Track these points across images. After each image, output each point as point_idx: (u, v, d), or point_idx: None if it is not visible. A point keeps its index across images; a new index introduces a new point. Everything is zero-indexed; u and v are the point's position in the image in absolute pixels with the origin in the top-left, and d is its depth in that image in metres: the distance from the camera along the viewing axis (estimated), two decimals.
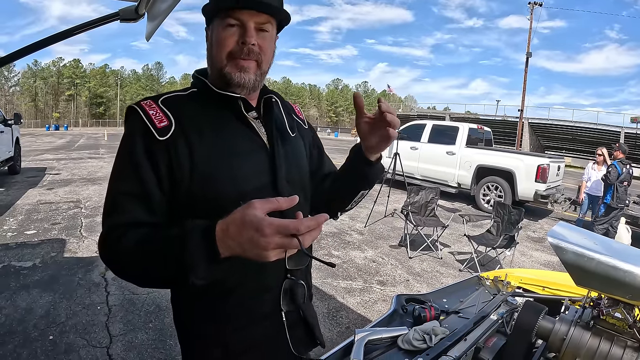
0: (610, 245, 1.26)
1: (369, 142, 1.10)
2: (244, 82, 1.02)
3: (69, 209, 7.51)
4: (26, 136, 27.81)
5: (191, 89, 1.11)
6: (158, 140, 0.96)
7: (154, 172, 0.95)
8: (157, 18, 1.80)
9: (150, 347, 3.19)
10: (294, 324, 1.12)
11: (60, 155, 17.24)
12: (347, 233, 6.84)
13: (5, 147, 9.90)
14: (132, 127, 0.99)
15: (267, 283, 1.07)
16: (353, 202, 1.26)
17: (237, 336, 1.06)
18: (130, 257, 0.88)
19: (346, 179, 1.23)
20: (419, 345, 1.33)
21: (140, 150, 0.96)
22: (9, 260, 4.86)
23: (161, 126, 0.97)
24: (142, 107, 1.00)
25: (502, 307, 1.69)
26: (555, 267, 5.73)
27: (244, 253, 0.76)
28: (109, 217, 0.95)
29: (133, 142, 0.97)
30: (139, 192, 0.95)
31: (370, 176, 1.18)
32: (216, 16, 1.02)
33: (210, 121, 1.03)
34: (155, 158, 0.95)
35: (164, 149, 0.96)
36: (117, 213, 0.94)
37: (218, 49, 1.01)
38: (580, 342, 1.16)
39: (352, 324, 3.69)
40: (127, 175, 0.96)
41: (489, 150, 10.32)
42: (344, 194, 1.25)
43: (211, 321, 1.06)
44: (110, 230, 0.92)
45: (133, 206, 0.94)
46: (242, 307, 1.05)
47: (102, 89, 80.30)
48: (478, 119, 34.23)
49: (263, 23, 1.01)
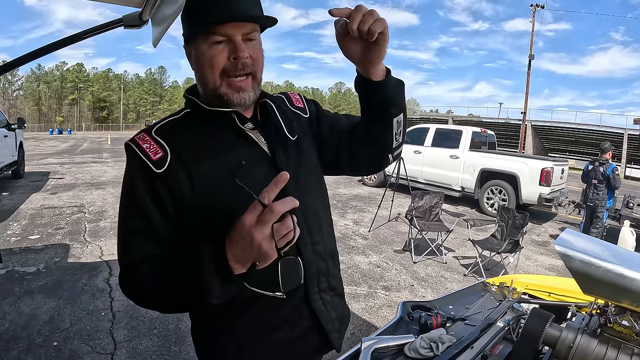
0: (618, 253, 1.25)
1: (362, 61, 0.98)
2: (244, 102, 1.01)
3: (73, 214, 7.53)
4: (30, 140, 27.96)
5: (185, 110, 1.09)
6: (156, 174, 0.96)
7: (157, 206, 0.97)
8: (163, 24, 1.80)
9: (155, 353, 3.19)
10: (307, 329, 1.12)
11: (64, 159, 17.31)
12: (351, 238, 6.83)
13: (8, 152, 9.94)
14: (130, 164, 1.01)
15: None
16: (396, 135, 1.11)
17: (255, 344, 1.06)
18: (150, 286, 0.93)
19: (370, 116, 1.09)
20: (426, 354, 1.32)
21: (141, 187, 0.98)
22: (13, 266, 4.87)
23: (156, 158, 0.97)
24: (135, 143, 1.00)
25: (509, 313, 1.68)
26: (560, 271, 5.71)
27: (252, 258, 0.81)
28: (123, 256, 0.99)
29: (132, 181, 1.00)
30: (146, 228, 0.97)
31: (388, 97, 1.03)
32: (198, 33, 0.97)
33: (207, 141, 1.02)
34: (156, 192, 0.97)
35: (163, 182, 0.97)
36: (130, 252, 0.98)
37: (209, 69, 0.97)
38: (587, 350, 1.15)
39: (357, 330, 3.68)
40: (132, 214, 0.99)
41: (493, 153, 10.29)
42: (378, 132, 1.10)
43: (229, 331, 1.05)
44: (127, 268, 0.97)
45: (143, 242, 0.97)
46: (259, 318, 1.06)
47: (106, 93, 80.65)
48: (481, 121, 34.21)
49: (250, 32, 0.98)
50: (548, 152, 33.32)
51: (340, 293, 1.26)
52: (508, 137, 32.78)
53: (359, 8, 0.88)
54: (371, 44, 0.92)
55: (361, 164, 1.21)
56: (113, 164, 15.84)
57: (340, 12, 0.89)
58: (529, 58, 27.64)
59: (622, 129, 28.56)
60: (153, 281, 0.92)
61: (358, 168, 1.25)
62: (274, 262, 0.82)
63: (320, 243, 1.14)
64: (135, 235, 0.97)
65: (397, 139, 1.12)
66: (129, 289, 0.98)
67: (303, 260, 1.06)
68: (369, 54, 0.95)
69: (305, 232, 1.08)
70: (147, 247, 0.96)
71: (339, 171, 1.27)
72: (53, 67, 78.35)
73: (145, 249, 0.96)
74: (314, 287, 1.12)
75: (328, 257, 1.18)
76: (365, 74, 1.00)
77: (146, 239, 0.97)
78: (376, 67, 0.98)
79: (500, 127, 32.33)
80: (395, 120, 1.07)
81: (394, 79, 1.03)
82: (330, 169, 1.25)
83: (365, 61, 0.97)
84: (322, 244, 1.15)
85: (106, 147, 25.20)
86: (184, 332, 3.49)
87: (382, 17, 0.88)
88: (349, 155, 1.19)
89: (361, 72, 1.01)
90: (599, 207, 6.91)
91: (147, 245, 0.97)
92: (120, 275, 0.99)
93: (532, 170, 8.93)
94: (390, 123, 1.07)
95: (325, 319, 1.14)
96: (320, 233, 1.15)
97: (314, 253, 1.11)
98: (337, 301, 1.22)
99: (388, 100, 1.04)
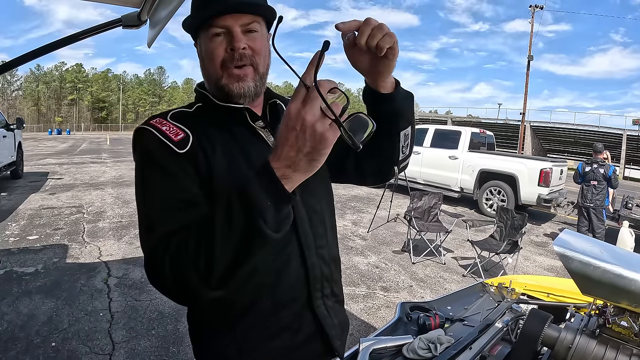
0: (617, 253, 1.25)
1: (370, 73, 0.95)
2: (244, 92, 0.99)
3: (72, 214, 7.52)
4: (28, 140, 27.93)
5: (196, 104, 1.09)
6: (179, 153, 0.92)
7: (189, 177, 0.91)
8: (159, 24, 1.81)
9: (153, 354, 3.18)
10: (310, 335, 1.10)
11: (63, 159, 17.30)
12: (350, 238, 6.83)
13: (7, 152, 9.94)
14: (148, 144, 0.93)
15: (286, 297, 1.05)
16: (403, 148, 1.08)
17: (255, 351, 1.04)
18: (187, 249, 0.78)
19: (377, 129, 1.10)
20: (424, 355, 1.32)
21: (167, 161, 0.91)
22: (11, 266, 4.86)
23: (178, 139, 0.93)
24: (153, 126, 0.95)
25: (507, 314, 1.68)
26: (558, 272, 5.71)
27: (307, 151, 0.70)
28: (153, 232, 0.86)
29: (153, 158, 0.92)
30: (184, 197, 0.89)
31: (396, 110, 1.00)
32: (200, 29, 0.99)
33: (221, 135, 1.00)
34: (184, 167, 0.92)
35: (187, 161, 0.92)
36: (162, 223, 0.86)
37: (210, 62, 0.98)
38: (586, 351, 1.15)
39: (355, 331, 3.67)
40: (161, 186, 0.90)
41: (492, 154, 10.31)
42: (384, 144, 1.06)
43: (228, 337, 1.04)
44: (160, 241, 0.83)
45: (181, 214, 0.87)
46: (259, 323, 1.03)
47: (105, 93, 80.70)
48: (480, 122, 34.20)
49: (249, 23, 0.97)
50: (547, 153, 33.34)
51: (342, 300, 1.24)
52: (507, 138, 32.82)
53: (368, 22, 0.85)
54: (380, 58, 0.89)
55: (367, 173, 1.20)
56: (112, 165, 15.83)
57: (348, 27, 0.86)
58: (527, 59, 27.66)
59: (621, 129, 28.58)
60: (191, 242, 0.78)
61: (364, 177, 1.23)
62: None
63: (324, 247, 1.12)
64: (170, 207, 0.87)
65: (404, 151, 1.10)
66: (162, 263, 0.80)
67: (306, 264, 1.05)
68: (378, 67, 0.93)
69: (310, 235, 1.07)
70: (186, 217, 0.85)
71: (345, 177, 1.24)
72: (52, 68, 78.51)
73: (185, 218, 0.85)
74: (317, 292, 1.10)
75: (332, 263, 1.16)
76: (373, 86, 0.98)
77: (184, 210, 0.87)
78: (385, 80, 0.96)
79: (499, 127, 32.34)
80: (402, 133, 1.05)
81: (403, 91, 1.01)
82: (337, 175, 1.23)
83: (373, 73, 0.95)
84: (327, 249, 1.13)
85: (105, 148, 25.16)
86: (182, 332, 3.48)
87: (391, 32, 0.85)
88: (355, 163, 1.17)
89: (369, 83, 0.99)
90: (598, 208, 6.91)
91: (185, 215, 0.86)
92: (148, 256, 0.84)
93: (531, 171, 8.94)
94: (397, 136, 1.05)
95: (329, 325, 1.12)
96: (325, 238, 1.14)
97: (318, 257, 1.09)
98: (338, 307, 1.20)
99: (396, 113, 1.01)
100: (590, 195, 6.92)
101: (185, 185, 0.90)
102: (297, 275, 1.05)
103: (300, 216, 1.04)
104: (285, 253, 1.03)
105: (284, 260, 1.03)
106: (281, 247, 1.02)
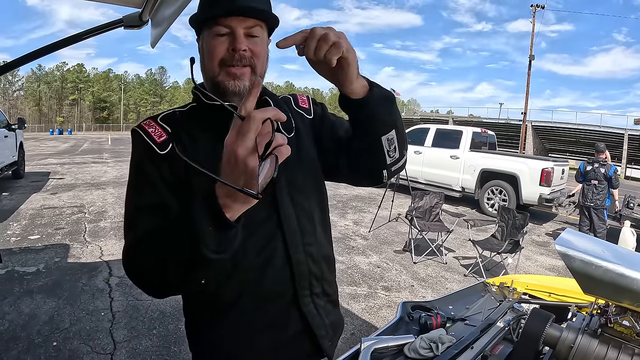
0: (619, 253, 1.24)
1: (334, 81, 0.94)
2: (239, 90, 1.00)
3: (73, 214, 7.53)
4: (30, 140, 27.99)
5: (191, 104, 1.13)
6: (160, 155, 1.00)
7: (163, 183, 0.98)
8: (162, 25, 1.80)
9: (155, 353, 3.19)
10: (298, 334, 1.11)
11: (64, 159, 17.33)
12: (351, 238, 6.83)
13: (9, 152, 9.96)
14: (136, 148, 1.04)
15: (271, 293, 1.06)
16: (389, 152, 1.04)
17: (242, 346, 1.06)
18: (149, 254, 0.88)
19: (358, 134, 1.05)
20: (425, 354, 1.32)
21: (147, 166, 1.00)
22: (13, 266, 4.87)
23: (160, 141, 1.01)
24: (142, 128, 1.04)
25: (509, 314, 1.67)
26: (560, 271, 5.71)
27: (242, 183, 0.69)
28: (129, 233, 0.97)
29: (139, 161, 1.02)
30: (152, 204, 0.96)
31: (372, 114, 0.98)
32: (205, 26, 1.02)
33: (207, 132, 1.03)
34: (161, 171, 0.99)
35: (166, 162, 0.99)
36: (136, 227, 0.96)
37: (209, 59, 1.01)
38: (587, 350, 1.15)
39: (357, 331, 3.68)
40: (139, 190, 1.00)
41: (493, 154, 10.30)
42: (368, 148, 1.04)
43: (216, 331, 1.06)
44: (132, 243, 0.95)
45: (149, 218, 0.95)
46: (245, 318, 1.05)
47: (106, 93, 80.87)
48: (481, 122, 34.17)
49: (252, 27, 1.00)
50: (548, 153, 33.29)
51: (335, 300, 1.24)
52: (508, 138, 32.76)
53: (312, 34, 0.83)
54: (335, 67, 0.87)
55: (359, 174, 1.17)
56: (113, 165, 15.85)
57: (292, 42, 0.84)
58: (529, 59, 27.67)
59: (622, 129, 28.50)
60: (153, 249, 0.86)
61: (358, 178, 1.21)
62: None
63: (313, 245, 1.12)
64: (142, 211, 0.96)
65: (392, 155, 1.05)
66: (131, 264, 0.93)
67: (291, 260, 1.06)
68: (337, 75, 0.91)
69: (297, 231, 1.08)
70: (152, 223, 0.93)
71: (339, 176, 1.22)
72: (53, 68, 78.66)
73: (151, 224, 0.93)
74: (304, 290, 1.10)
75: (322, 261, 1.16)
76: (343, 92, 0.96)
77: (151, 215, 0.95)
78: (352, 86, 0.93)
79: (501, 127, 32.26)
80: (384, 138, 1.01)
81: (377, 94, 0.97)
82: (331, 173, 1.21)
83: (337, 81, 0.93)
84: (316, 246, 1.13)
85: (106, 148, 25.17)
86: (183, 332, 3.45)
87: (338, 40, 0.83)
88: (347, 162, 1.14)
89: (340, 89, 0.96)
90: (599, 207, 6.90)
91: (152, 221, 0.93)
92: (123, 253, 0.96)
93: (533, 171, 8.93)
94: (379, 141, 1.01)
95: (317, 325, 1.12)
96: (314, 235, 1.13)
97: (305, 254, 1.09)
98: (330, 308, 1.20)
99: (371, 118, 0.98)
100: (591, 194, 6.91)
101: (160, 192, 0.97)
102: (282, 272, 1.06)
103: (286, 213, 1.06)
104: (269, 249, 1.04)
105: (268, 255, 1.04)
106: (265, 242, 1.04)
